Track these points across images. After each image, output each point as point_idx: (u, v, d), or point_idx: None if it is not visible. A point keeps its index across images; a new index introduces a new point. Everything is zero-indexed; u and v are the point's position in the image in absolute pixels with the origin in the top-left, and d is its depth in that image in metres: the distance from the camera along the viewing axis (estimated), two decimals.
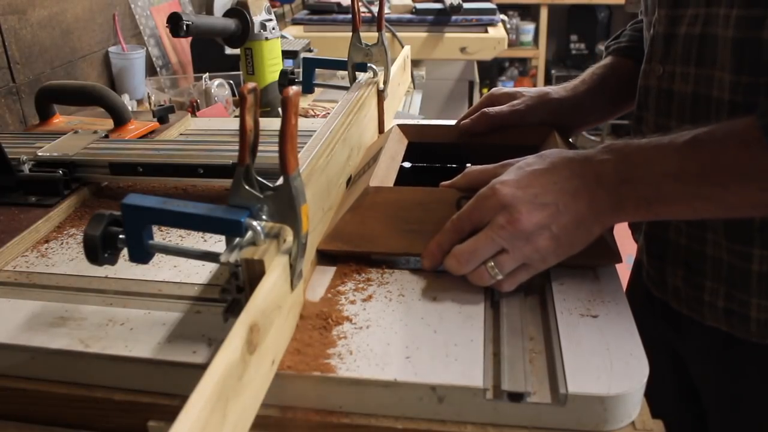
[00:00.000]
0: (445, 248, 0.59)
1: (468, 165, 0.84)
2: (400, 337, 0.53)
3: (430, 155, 0.87)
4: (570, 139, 0.86)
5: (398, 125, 0.85)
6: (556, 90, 0.85)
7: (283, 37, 1.59)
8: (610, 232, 0.65)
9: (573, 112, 0.84)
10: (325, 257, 0.64)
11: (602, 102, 0.86)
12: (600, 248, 0.60)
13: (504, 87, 0.87)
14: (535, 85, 4.36)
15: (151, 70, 1.56)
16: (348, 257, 0.63)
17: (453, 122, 0.88)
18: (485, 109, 0.82)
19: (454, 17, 2.10)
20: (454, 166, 0.86)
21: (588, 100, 0.84)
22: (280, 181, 0.48)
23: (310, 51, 1.63)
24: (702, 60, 0.67)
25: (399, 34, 1.97)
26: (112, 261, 0.51)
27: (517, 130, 0.81)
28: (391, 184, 0.70)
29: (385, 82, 0.97)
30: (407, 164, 0.86)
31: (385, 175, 0.70)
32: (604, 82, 0.86)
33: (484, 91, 4.11)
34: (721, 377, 0.75)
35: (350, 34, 0.95)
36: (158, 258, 0.64)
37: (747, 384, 0.73)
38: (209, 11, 1.64)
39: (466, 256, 0.56)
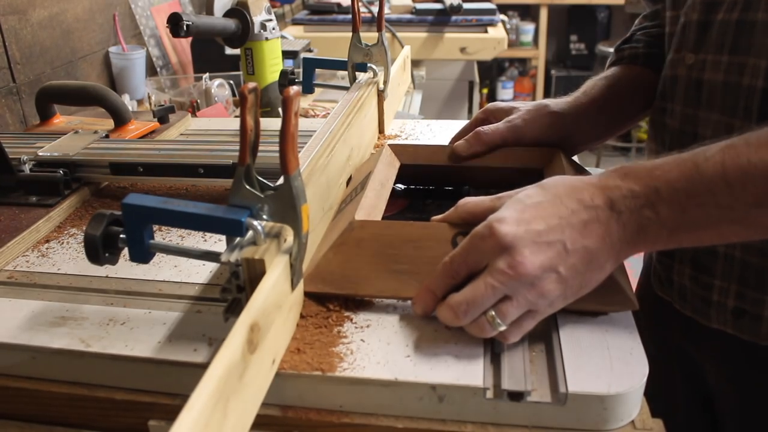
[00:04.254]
0: (438, 294, 0.52)
1: (466, 187, 0.78)
2: (401, 336, 0.53)
3: (425, 177, 0.80)
4: (574, 158, 0.79)
5: (390, 145, 0.78)
6: (556, 102, 0.77)
7: (283, 37, 1.59)
8: (624, 274, 0.59)
9: (575, 127, 0.76)
10: (309, 295, 0.58)
11: (610, 115, 0.79)
12: (613, 293, 0.54)
13: (500, 102, 0.80)
14: (534, 86, 4.36)
15: (151, 70, 1.56)
16: (331, 298, 0.58)
17: (447, 143, 0.80)
18: (479, 129, 0.74)
19: (454, 17, 2.10)
20: (450, 188, 0.80)
21: (593, 112, 0.76)
22: (281, 180, 0.48)
23: (310, 51, 1.63)
24: (736, 47, 0.63)
25: (399, 34, 1.98)
26: (113, 261, 0.51)
27: (519, 151, 0.74)
28: (380, 216, 0.64)
29: (385, 82, 0.97)
30: (400, 186, 0.80)
31: (372, 205, 0.64)
32: (614, 93, 0.78)
33: (484, 91, 4.10)
34: (738, 382, 0.73)
35: (350, 34, 0.95)
36: (159, 258, 0.64)
37: (764, 391, 0.70)
38: (209, 11, 1.64)
39: (463, 307, 0.50)
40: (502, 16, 2.30)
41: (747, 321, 0.68)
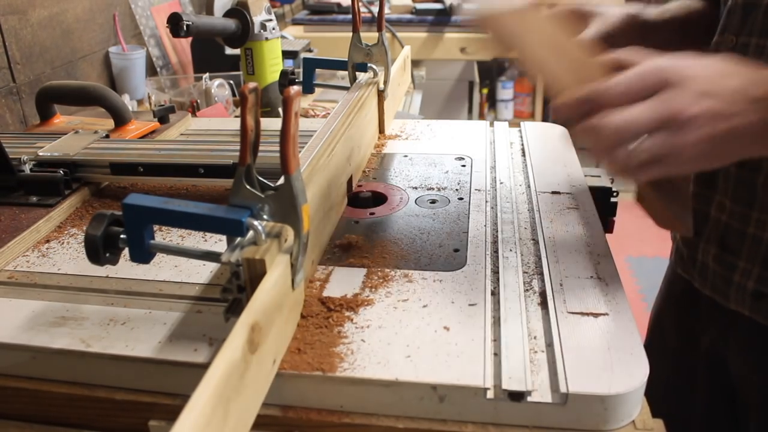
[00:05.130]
0: (581, 110, 0.51)
1: None
2: (401, 336, 0.53)
3: None
4: None
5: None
6: (647, 13, 0.77)
7: (283, 37, 1.59)
8: (688, 201, 0.62)
9: (657, 39, 0.75)
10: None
11: (680, 37, 0.79)
12: (686, 210, 0.60)
13: (581, 5, 0.77)
14: (534, 86, 4.35)
15: (151, 70, 1.56)
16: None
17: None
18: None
19: (454, 17, 2.10)
20: None
21: (667, 30, 0.78)
22: (281, 180, 0.48)
23: (310, 51, 1.63)
24: None
25: (399, 34, 1.98)
26: (114, 261, 0.51)
27: None
28: None
29: (386, 82, 0.97)
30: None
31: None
32: (687, 17, 0.80)
33: (484, 91, 4.09)
34: (763, 370, 0.73)
35: (350, 34, 0.95)
36: (159, 258, 0.64)
37: None
38: (209, 11, 1.64)
39: (620, 129, 0.49)
40: None
41: (766, 304, 0.69)
